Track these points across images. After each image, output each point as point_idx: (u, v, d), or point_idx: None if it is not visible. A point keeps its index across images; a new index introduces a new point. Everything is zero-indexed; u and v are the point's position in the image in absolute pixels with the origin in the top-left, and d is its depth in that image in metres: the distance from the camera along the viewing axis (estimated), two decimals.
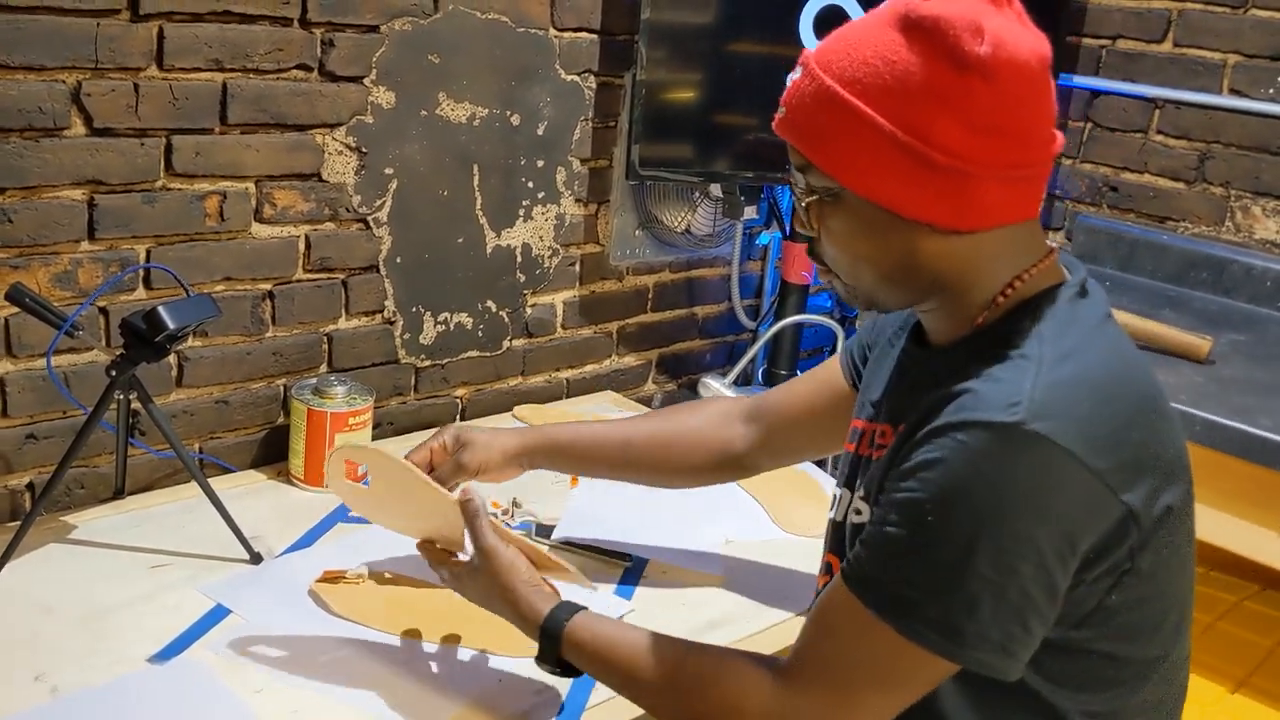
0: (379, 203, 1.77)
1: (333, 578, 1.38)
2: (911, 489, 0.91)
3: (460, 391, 1.97)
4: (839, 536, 1.10)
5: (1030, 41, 0.93)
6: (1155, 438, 0.94)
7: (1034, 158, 0.95)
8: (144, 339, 1.35)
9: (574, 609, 1.13)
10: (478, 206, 1.89)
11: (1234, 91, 2.16)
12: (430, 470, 1.34)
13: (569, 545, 1.52)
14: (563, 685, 1.24)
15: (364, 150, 1.72)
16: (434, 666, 1.26)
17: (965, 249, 0.97)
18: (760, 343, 2.26)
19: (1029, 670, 0.95)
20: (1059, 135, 0.99)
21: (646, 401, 2.25)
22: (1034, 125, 0.94)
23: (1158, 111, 2.26)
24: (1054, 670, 0.96)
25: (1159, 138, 2.26)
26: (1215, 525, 1.62)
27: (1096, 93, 2.32)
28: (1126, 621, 0.95)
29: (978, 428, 0.88)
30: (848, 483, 1.11)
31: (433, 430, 1.42)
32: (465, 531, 1.21)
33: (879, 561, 0.93)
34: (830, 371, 1.32)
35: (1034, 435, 0.86)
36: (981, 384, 0.91)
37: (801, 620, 1.07)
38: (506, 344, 2.01)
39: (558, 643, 1.11)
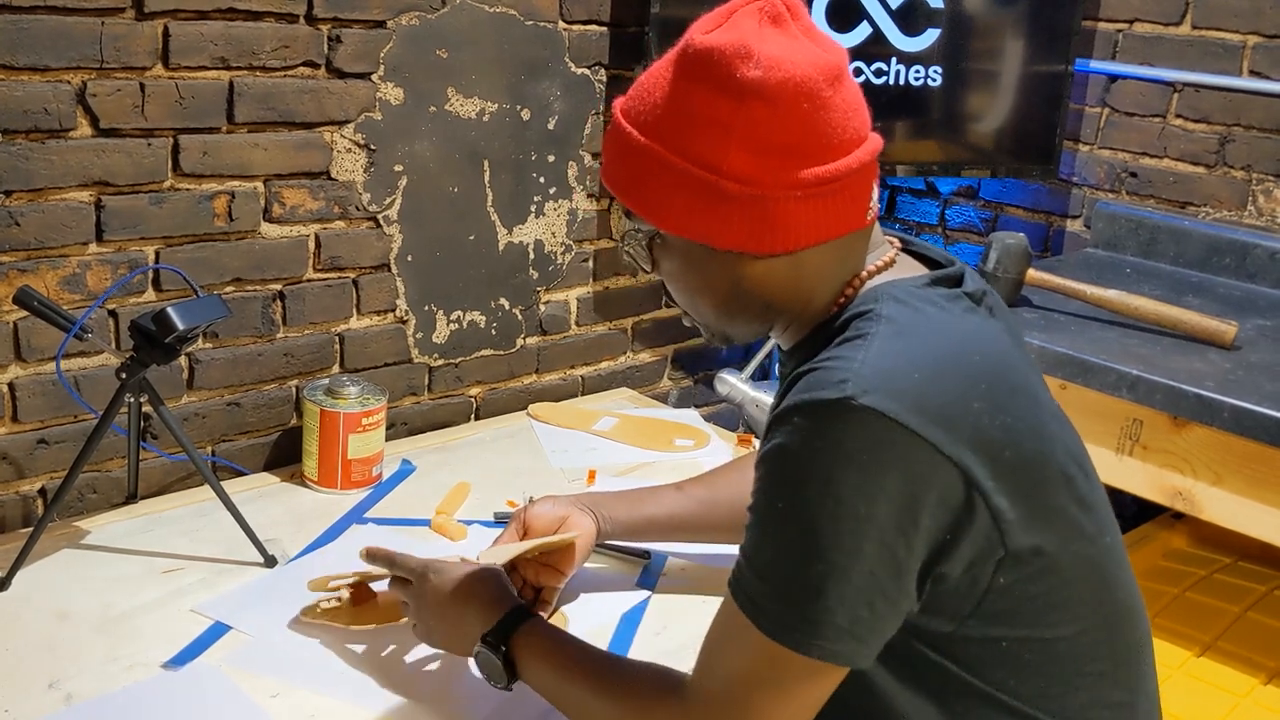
0: (389, 200, 1.75)
1: (311, 611, 1.30)
2: (760, 481, 0.91)
3: (474, 390, 1.96)
4: None
5: (812, 56, 0.93)
6: (1000, 410, 0.91)
7: (834, 172, 0.94)
8: (154, 341, 1.34)
9: (529, 614, 1.14)
10: (489, 203, 1.87)
11: (1254, 73, 2.13)
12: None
13: None
14: None
15: (373, 147, 1.71)
16: (455, 673, 1.24)
17: (787, 269, 0.98)
18: None
19: (972, 677, 0.93)
20: (873, 139, 0.98)
21: (662, 398, 2.23)
22: (825, 140, 0.94)
23: (1176, 95, 2.22)
24: (992, 671, 0.93)
25: (1178, 122, 2.23)
26: (1245, 513, 1.59)
27: (1114, 77, 2.29)
28: (1033, 599, 0.92)
29: (809, 408, 0.88)
30: None
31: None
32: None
33: (743, 561, 0.92)
34: None
35: (863, 409, 0.85)
36: (816, 366, 0.91)
37: None
38: (520, 342, 1.99)
39: (513, 627, 1.12)
